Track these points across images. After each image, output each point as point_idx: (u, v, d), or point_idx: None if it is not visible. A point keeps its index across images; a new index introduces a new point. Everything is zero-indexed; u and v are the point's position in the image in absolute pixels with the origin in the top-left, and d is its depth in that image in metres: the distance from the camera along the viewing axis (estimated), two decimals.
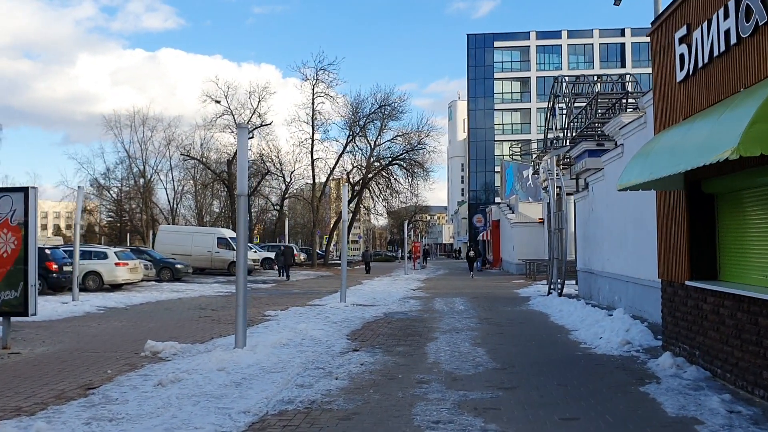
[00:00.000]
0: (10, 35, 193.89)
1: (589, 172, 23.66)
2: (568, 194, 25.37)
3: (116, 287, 24.93)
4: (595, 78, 32.83)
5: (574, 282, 22.94)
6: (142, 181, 68.20)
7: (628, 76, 31.23)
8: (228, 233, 40.53)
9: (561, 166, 24.68)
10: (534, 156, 44.56)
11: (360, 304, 18.82)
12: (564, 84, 31.50)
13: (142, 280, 27.22)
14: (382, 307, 18.22)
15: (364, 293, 23.52)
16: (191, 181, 68.01)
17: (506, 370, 8.84)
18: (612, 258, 17.44)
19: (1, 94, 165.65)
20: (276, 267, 39.16)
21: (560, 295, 20.09)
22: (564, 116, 31.91)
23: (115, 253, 24.85)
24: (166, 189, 69.72)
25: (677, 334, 9.50)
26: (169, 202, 69.56)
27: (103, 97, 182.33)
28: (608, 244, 17.84)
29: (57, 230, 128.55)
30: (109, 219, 78.43)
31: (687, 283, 8.96)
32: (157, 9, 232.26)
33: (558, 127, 32.55)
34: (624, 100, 24.51)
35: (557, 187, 21.98)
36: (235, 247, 38.18)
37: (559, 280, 20.49)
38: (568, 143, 30.29)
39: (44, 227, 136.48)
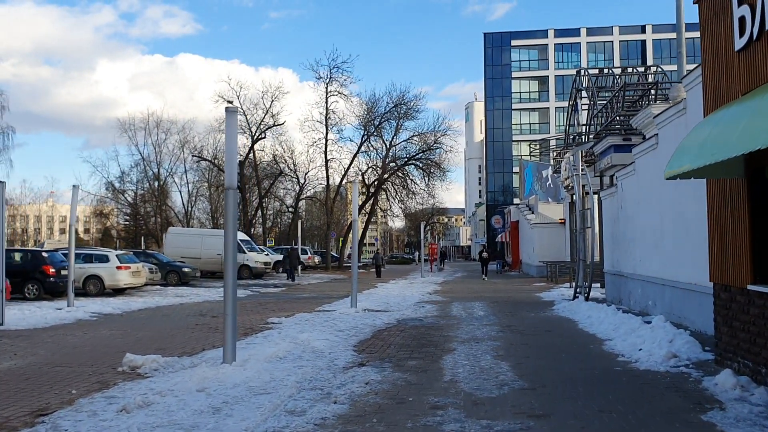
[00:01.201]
0: (31, 42, 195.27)
1: (616, 168, 22.21)
2: (592, 192, 23.96)
3: (119, 292, 23.88)
4: (619, 71, 31.29)
5: (598, 285, 21.50)
6: (156, 184, 67.54)
7: (653, 68, 29.67)
8: (239, 235, 39.46)
9: (584, 163, 23.20)
10: (555, 154, 42.99)
11: (372, 310, 17.55)
12: (587, 77, 30.00)
13: (147, 284, 26.14)
14: (395, 313, 16.93)
15: (378, 297, 22.27)
16: (206, 184, 67.22)
17: (536, 391, 7.50)
18: (645, 259, 16.01)
19: (22, 100, 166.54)
20: (283, 270, 38.22)
21: (587, 299, 18.68)
22: (587, 111, 30.42)
23: (116, 256, 23.78)
24: (180, 192, 69.10)
25: (735, 347, 8.12)
26: (183, 205, 68.90)
27: (122, 102, 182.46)
28: (640, 243, 16.41)
29: (75, 234, 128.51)
30: (126, 222, 77.86)
31: (749, 287, 7.59)
32: (175, 15, 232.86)
33: (580, 122, 31.06)
34: (653, 91, 23.01)
35: (582, 185, 20.57)
36: (246, 250, 37.51)
37: (585, 283, 19.06)
38: (590, 139, 28.84)
39: (63, 231, 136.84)
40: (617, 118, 23.68)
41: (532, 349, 10.79)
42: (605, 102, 27.43)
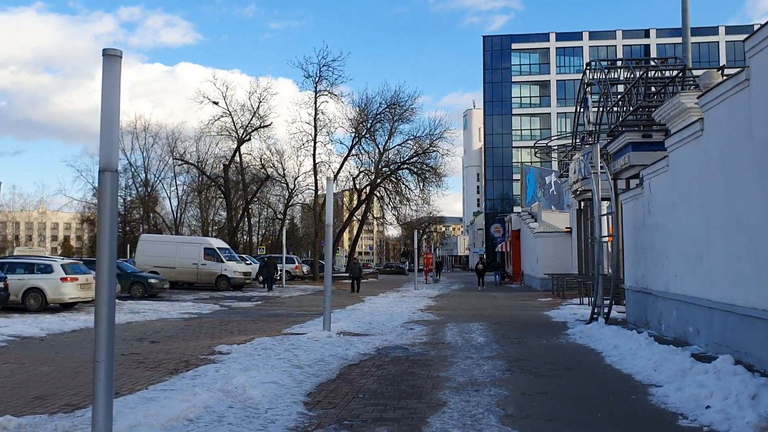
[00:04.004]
0: (32, 50, 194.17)
1: (635, 169, 19.35)
2: (604, 199, 21.00)
3: (66, 307, 20.80)
4: (634, 63, 28.33)
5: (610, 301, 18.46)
6: (144, 190, 64.66)
7: (671, 60, 26.76)
8: (216, 243, 36.44)
9: (603, 161, 20.19)
10: (562, 155, 40.02)
11: (348, 333, 14.56)
12: (599, 70, 27.03)
13: None
14: (377, 338, 13.92)
15: (360, 315, 19.26)
16: (196, 190, 64.31)
17: None
18: (683, 274, 13.00)
19: (21, 108, 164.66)
20: (260, 279, 35.41)
21: (607, 321, 15.66)
22: (597, 109, 27.44)
23: (62, 266, 20.68)
24: (169, 198, 66.11)
25: None
26: (172, 211, 65.91)
27: (121, 110, 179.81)
28: (676, 255, 13.40)
29: (66, 241, 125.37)
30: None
31: None
32: (175, 24, 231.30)
33: (590, 120, 28.09)
34: (680, 79, 20.01)
35: (600, 185, 17.56)
36: (224, 259, 34.37)
37: (606, 302, 16.04)
38: (602, 138, 25.87)
39: (54, 238, 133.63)
40: (637, 110, 20.67)
41: (554, 401, 7.76)
42: (619, 96, 24.48)
